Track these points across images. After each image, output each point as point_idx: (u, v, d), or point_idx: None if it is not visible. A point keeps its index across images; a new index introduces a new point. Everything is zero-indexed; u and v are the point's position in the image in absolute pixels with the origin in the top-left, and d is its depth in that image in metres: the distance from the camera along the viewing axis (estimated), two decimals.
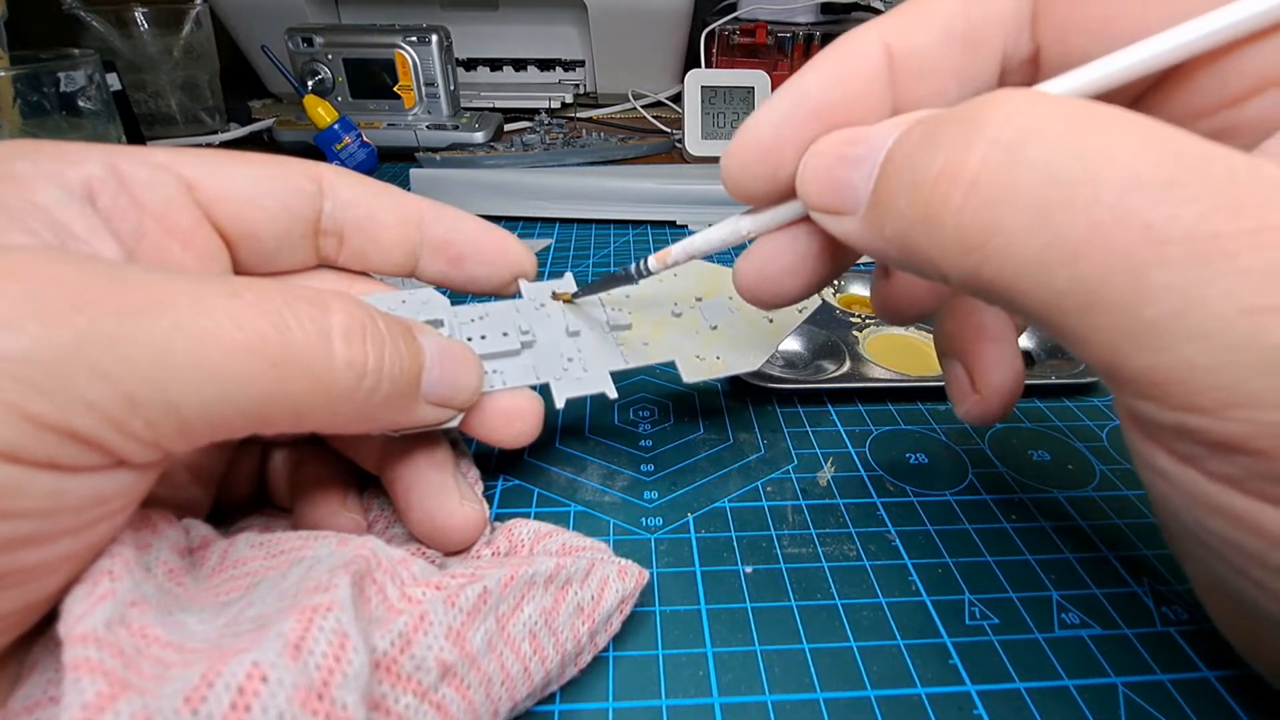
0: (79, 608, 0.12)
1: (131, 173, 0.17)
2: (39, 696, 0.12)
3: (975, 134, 0.11)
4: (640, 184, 0.49)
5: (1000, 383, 0.19)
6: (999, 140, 0.11)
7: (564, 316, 0.23)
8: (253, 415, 0.13)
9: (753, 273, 0.17)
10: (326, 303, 0.15)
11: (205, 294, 0.13)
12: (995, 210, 0.11)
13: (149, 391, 0.12)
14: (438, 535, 0.19)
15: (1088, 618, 0.20)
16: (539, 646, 0.16)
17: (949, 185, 0.11)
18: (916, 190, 0.12)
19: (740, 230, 0.18)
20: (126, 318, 0.12)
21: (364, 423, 0.16)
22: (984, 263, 0.11)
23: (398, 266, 0.22)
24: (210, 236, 0.19)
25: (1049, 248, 0.10)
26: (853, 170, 0.14)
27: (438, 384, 0.17)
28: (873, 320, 0.34)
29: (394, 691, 0.13)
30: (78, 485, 0.12)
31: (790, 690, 0.18)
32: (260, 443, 0.22)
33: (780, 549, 0.22)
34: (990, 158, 0.11)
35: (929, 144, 0.12)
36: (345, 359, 0.14)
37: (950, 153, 0.11)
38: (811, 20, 0.74)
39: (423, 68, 0.63)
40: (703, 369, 0.23)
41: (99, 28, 0.62)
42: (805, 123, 0.15)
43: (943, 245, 0.12)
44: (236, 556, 0.16)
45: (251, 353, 0.13)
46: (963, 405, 0.19)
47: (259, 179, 0.19)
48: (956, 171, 0.11)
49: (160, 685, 0.11)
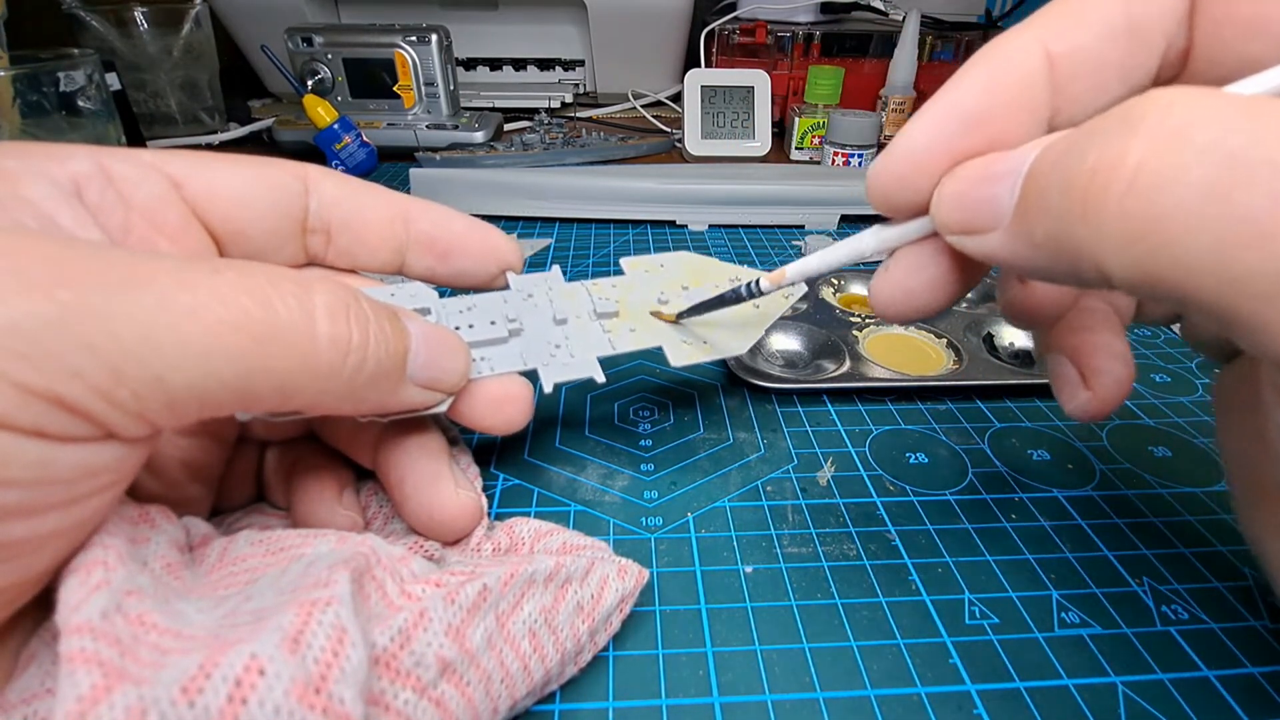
0: (74, 598, 0.12)
1: (119, 170, 0.18)
2: (35, 688, 0.12)
3: (1134, 126, 0.11)
4: (640, 184, 0.49)
5: (1115, 378, 0.18)
6: (1162, 127, 0.10)
7: (551, 305, 0.23)
8: (239, 390, 0.13)
9: (894, 287, 0.17)
10: (310, 282, 0.15)
11: (188, 271, 0.13)
12: (1164, 194, 0.10)
13: (134, 363, 0.12)
14: (434, 524, 0.19)
15: (1088, 617, 0.20)
16: (539, 645, 0.16)
17: (1109, 174, 0.11)
18: (1070, 187, 0.11)
19: (863, 250, 0.18)
20: (110, 292, 0.12)
21: (351, 402, 0.16)
22: (1153, 252, 0.11)
23: (385, 263, 0.22)
24: (198, 233, 0.19)
25: (1230, 230, 0.10)
26: (994, 187, 0.13)
27: (424, 367, 0.18)
28: (873, 320, 0.34)
29: (393, 687, 0.13)
30: (66, 455, 0.12)
31: (790, 690, 0.17)
32: (257, 442, 0.22)
33: (780, 549, 0.22)
34: (1155, 144, 0.10)
35: (1080, 145, 0.12)
36: (329, 335, 0.14)
37: (1106, 146, 0.11)
38: (811, 20, 0.74)
39: (422, 67, 0.63)
40: (690, 353, 0.23)
41: (99, 27, 0.62)
42: (961, 133, 0.14)
43: (1105, 238, 0.11)
44: (236, 553, 0.16)
45: (235, 327, 0.13)
46: (1073, 402, 0.19)
47: (245, 177, 0.20)
48: (1117, 160, 0.11)
49: (158, 672, 0.11)
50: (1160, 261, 0.11)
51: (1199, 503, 0.24)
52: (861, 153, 0.58)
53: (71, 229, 0.16)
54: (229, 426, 0.20)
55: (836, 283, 0.38)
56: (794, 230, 0.49)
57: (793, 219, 0.49)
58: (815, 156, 0.66)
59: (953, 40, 0.72)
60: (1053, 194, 0.12)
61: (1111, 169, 0.11)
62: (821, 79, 0.63)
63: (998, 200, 0.13)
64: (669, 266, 0.26)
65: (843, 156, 0.59)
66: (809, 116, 0.64)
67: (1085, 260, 0.12)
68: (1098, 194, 0.11)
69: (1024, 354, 0.33)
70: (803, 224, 0.49)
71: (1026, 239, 0.13)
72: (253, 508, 0.21)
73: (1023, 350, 0.33)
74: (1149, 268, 0.11)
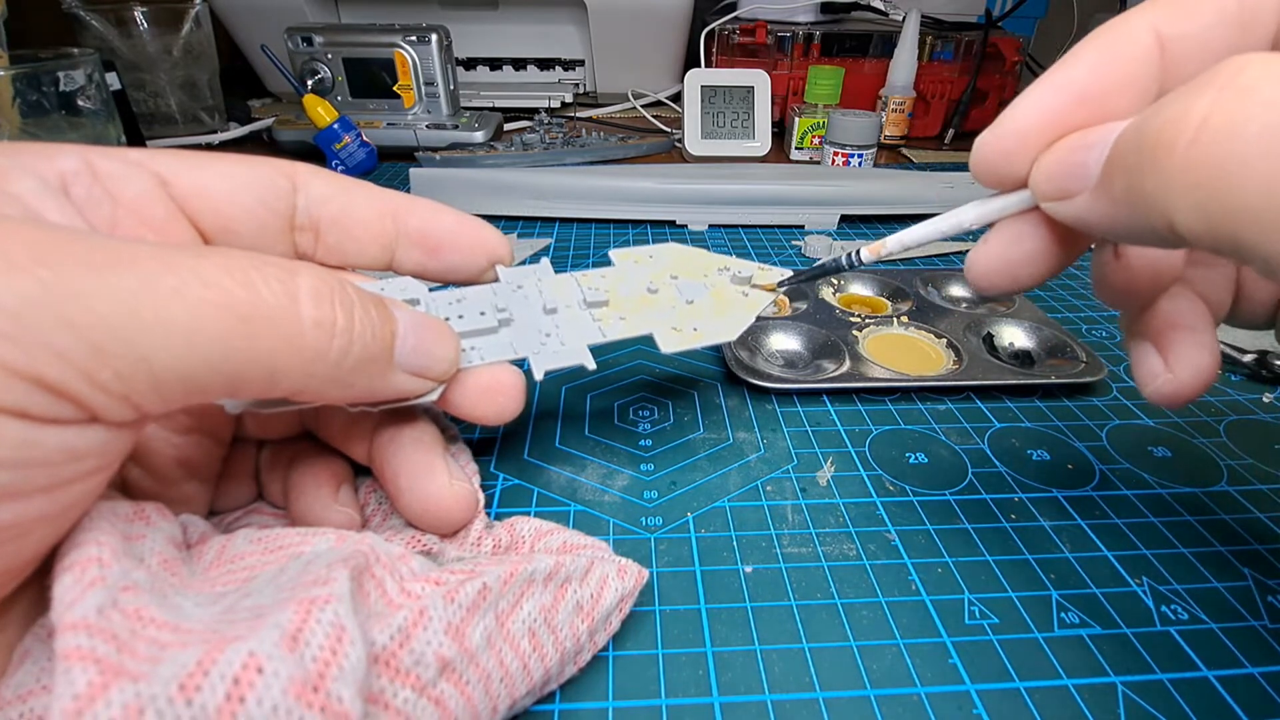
0: (69, 595, 0.12)
1: (106, 167, 0.18)
2: (31, 685, 0.12)
3: (1204, 86, 0.11)
4: (640, 183, 0.49)
5: (1198, 367, 0.18)
6: (1231, 85, 0.11)
7: (540, 296, 0.23)
8: (226, 373, 0.13)
9: (994, 259, 0.17)
10: (294, 267, 0.15)
11: (172, 254, 0.13)
12: (1225, 144, 0.11)
13: (117, 343, 0.12)
14: (429, 516, 0.19)
15: (1087, 617, 0.19)
16: (538, 644, 0.16)
17: (1176, 128, 0.11)
18: (1144, 141, 0.12)
19: (963, 222, 0.18)
20: (92, 272, 0.12)
21: (339, 388, 0.16)
22: (1213, 198, 0.11)
23: (375, 259, 0.22)
24: (185, 229, 0.19)
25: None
26: (1086, 154, 0.14)
27: (413, 353, 0.18)
28: (873, 320, 0.34)
29: (392, 686, 0.13)
30: (49, 438, 0.12)
31: (790, 690, 0.17)
32: (254, 441, 0.22)
33: (780, 549, 0.22)
34: (1221, 99, 0.11)
35: (1158, 105, 0.12)
36: (313, 318, 0.14)
37: (1178, 103, 0.12)
38: (811, 20, 0.74)
39: (422, 67, 0.63)
40: (680, 340, 0.23)
41: (99, 27, 0.62)
42: (1068, 109, 0.15)
43: (1171, 186, 0.12)
44: (234, 551, 0.16)
45: (219, 308, 0.13)
46: (1152, 384, 0.19)
47: (232, 175, 0.20)
48: (1184, 115, 0.11)
49: (155, 667, 0.11)
50: (1220, 206, 0.11)
51: (1199, 503, 0.24)
52: (861, 153, 0.58)
53: (58, 223, 0.16)
54: (223, 424, 0.20)
55: (837, 283, 0.38)
56: (794, 230, 0.49)
57: (793, 219, 0.49)
58: (815, 156, 0.66)
59: (953, 40, 0.72)
60: (1130, 150, 0.13)
61: (1180, 121, 0.11)
62: (821, 79, 0.63)
63: (1088, 165, 0.14)
64: (658, 257, 0.26)
65: (843, 156, 0.59)
66: (809, 116, 0.64)
67: (1156, 211, 0.12)
68: (1167, 144, 0.12)
69: (1024, 354, 0.32)
70: (803, 224, 0.49)
71: (1107, 196, 0.14)
72: (252, 507, 0.21)
73: (1023, 350, 0.33)
74: (1210, 214, 0.11)
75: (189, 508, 0.18)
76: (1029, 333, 0.33)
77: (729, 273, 0.25)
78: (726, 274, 0.25)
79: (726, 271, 0.25)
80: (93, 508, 0.14)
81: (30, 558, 0.12)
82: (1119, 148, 0.13)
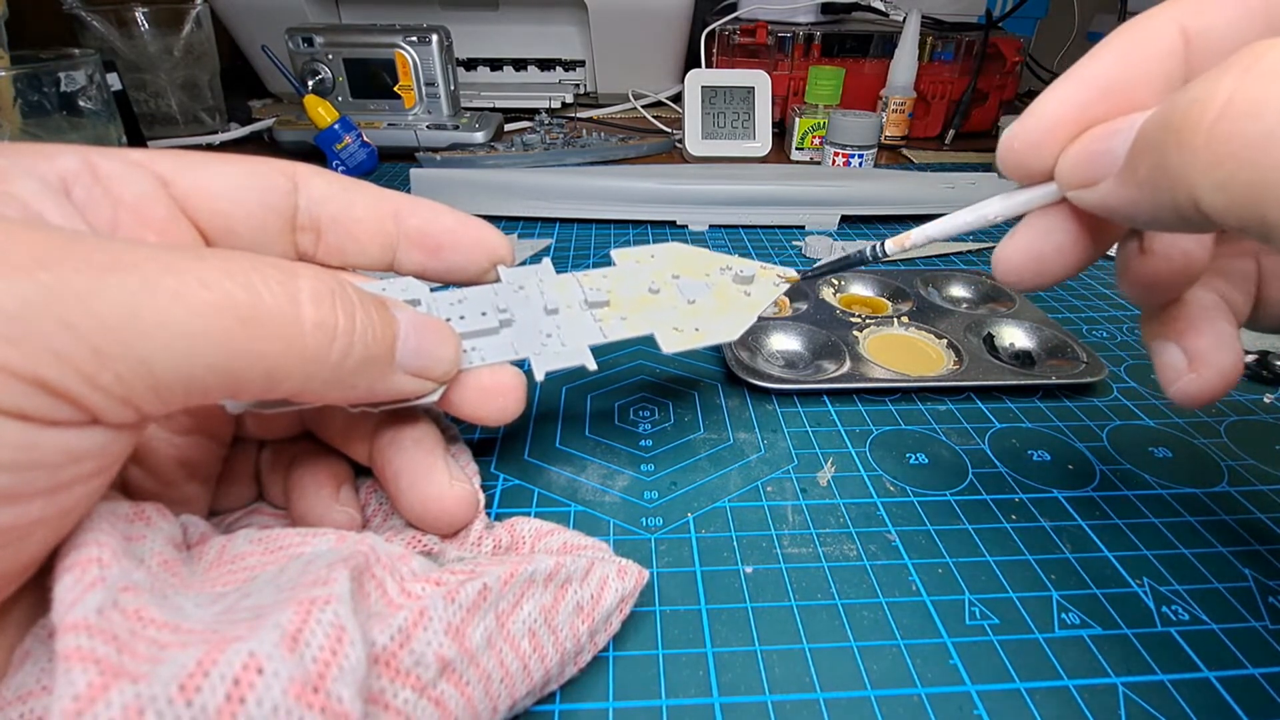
0: (69, 595, 0.12)
1: (106, 168, 0.18)
2: (31, 685, 0.12)
3: (1227, 69, 0.12)
4: (640, 184, 0.49)
5: (1221, 367, 0.18)
6: (1256, 67, 0.11)
7: (542, 297, 0.23)
8: (226, 375, 0.13)
9: (1021, 253, 0.17)
10: (294, 269, 0.15)
11: (172, 256, 0.13)
12: (1249, 122, 0.11)
13: (117, 345, 0.12)
14: (429, 516, 0.19)
15: (1088, 618, 0.19)
16: (538, 644, 0.16)
17: (1201, 108, 0.12)
18: (1168, 122, 0.12)
19: (988, 215, 0.18)
20: (92, 274, 0.12)
21: (340, 389, 0.16)
22: (1236, 175, 0.11)
23: (375, 260, 0.22)
24: (186, 230, 0.19)
25: None
26: (1111, 141, 0.14)
27: (413, 354, 0.17)
28: (873, 320, 0.34)
29: (393, 686, 0.13)
30: (50, 440, 0.12)
31: (790, 690, 0.17)
32: (255, 442, 0.22)
33: (780, 549, 0.22)
34: (1246, 80, 0.11)
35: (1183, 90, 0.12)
36: (314, 320, 0.14)
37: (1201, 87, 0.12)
38: (811, 20, 0.74)
39: (423, 67, 0.63)
40: (681, 340, 0.23)
41: (99, 27, 0.62)
42: (1094, 102, 0.15)
43: (1196, 163, 0.12)
44: (235, 552, 0.16)
45: (219, 310, 0.13)
46: (1176, 384, 0.19)
47: (233, 175, 0.20)
48: (1209, 95, 0.12)
49: (155, 668, 0.11)
50: (1244, 183, 0.11)
51: (1199, 503, 0.24)
52: (862, 153, 0.58)
53: (59, 224, 0.16)
54: (224, 424, 0.20)
55: (837, 283, 0.38)
56: (794, 230, 0.49)
57: (793, 219, 0.49)
58: (816, 157, 0.66)
59: (953, 40, 0.72)
60: (1155, 131, 0.13)
61: (1205, 102, 0.12)
62: (822, 79, 0.63)
63: (1113, 151, 0.14)
64: (659, 257, 0.26)
65: (843, 157, 0.59)
66: (809, 117, 0.64)
67: (1181, 190, 0.12)
68: (1192, 124, 0.12)
69: (1024, 354, 0.32)
70: (803, 224, 0.49)
71: (1133, 179, 0.14)
72: (252, 508, 0.21)
73: (1023, 351, 0.33)
74: (1233, 191, 0.11)
75: (189, 508, 0.19)
76: (1029, 333, 0.33)
77: (731, 272, 0.25)
78: (728, 273, 0.25)
79: (728, 271, 0.25)
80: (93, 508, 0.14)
81: (30, 560, 0.12)
82: (1144, 131, 0.13)
